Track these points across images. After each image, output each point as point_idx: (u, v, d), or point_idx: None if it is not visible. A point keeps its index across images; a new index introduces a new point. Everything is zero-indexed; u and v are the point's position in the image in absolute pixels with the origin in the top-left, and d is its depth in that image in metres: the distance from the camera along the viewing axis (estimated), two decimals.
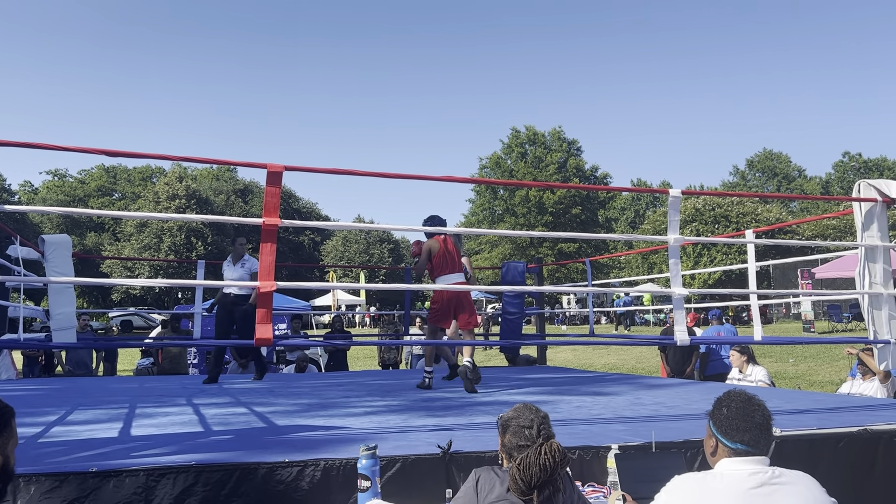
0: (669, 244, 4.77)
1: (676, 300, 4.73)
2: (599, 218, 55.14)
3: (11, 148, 3.72)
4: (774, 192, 66.13)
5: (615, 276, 45.83)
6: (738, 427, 2.16)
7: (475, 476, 2.31)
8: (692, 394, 5.81)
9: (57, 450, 3.21)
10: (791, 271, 28.05)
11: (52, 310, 5.24)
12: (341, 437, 3.61)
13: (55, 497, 2.58)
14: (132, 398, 5.84)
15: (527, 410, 2.39)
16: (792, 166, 70.19)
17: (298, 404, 5.24)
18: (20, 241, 7.21)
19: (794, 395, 6.00)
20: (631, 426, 3.89)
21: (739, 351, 7.74)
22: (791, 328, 25.87)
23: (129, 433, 3.81)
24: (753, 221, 38.07)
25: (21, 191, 58.87)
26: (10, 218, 36.49)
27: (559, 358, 18.23)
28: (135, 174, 61.32)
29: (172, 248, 45.19)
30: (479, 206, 54.43)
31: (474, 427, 3.88)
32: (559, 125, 59.90)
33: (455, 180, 5.12)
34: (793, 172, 69.66)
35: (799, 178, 68.97)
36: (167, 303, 45.21)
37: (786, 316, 32.49)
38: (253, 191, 57.18)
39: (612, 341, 12.88)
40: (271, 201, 3.88)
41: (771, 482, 2.09)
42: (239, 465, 2.82)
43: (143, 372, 11.55)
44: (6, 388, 7.21)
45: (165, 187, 48.50)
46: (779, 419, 2.87)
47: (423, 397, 5.68)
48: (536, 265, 10.51)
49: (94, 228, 54.15)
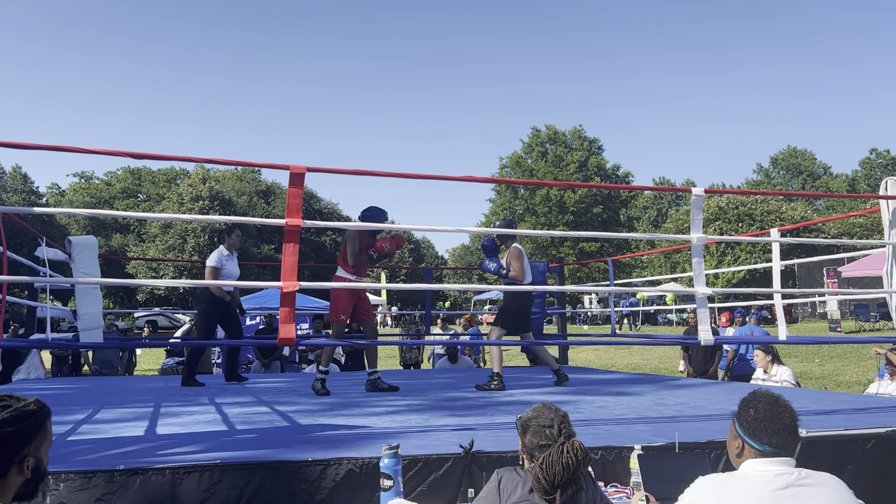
0: (692, 243, 4.73)
1: (700, 300, 4.69)
2: (621, 217, 54.81)
3: (39, 151, 3.78)
4: (799, 190, 65.31)
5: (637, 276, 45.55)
6: (765, 429, 2.13)
7: (497, 476, 2.31)
8: (716, 394, 5.76)
9: (85, 448, 3.26)
10: (816, 270, 27.71)
11: (79, 310, 5.32)
12: (364, 435, 3.62)
13: (83, 494, 2.62)
14: (157, 397, 5.91)
15: (546, 410, 2.39)
16: (817, 164, 69.20)
17: (321, 403, 5.26)
18: (48, 242, 7.32)
19: (820, 396, 5.92)
20: (654, 426, 3.86)
21: (764, 351, 7.66)
22: (817, 328, 25.53)
23: (155, 432, 3.86)
24: (778, 220, 37.62)
25: (48, 193, 59.80)
26: (38, 220, 37.11)
27: (581, 358, 18.18)
28: (159, 176, 61.99)
29: (196, 248, 45.61)
30: (500, 205, 54.35)
31: (496, 427, 3.88)
32: (580, 124, 59.64)
33: (475, 180, 5.12)
34: (818, 170, 68.70)
35: (824, 175, 67.99)
36: (191, 303, 45.66)
37: (811, 315, 32.08)
38: (275, 192, 57.57)
39: (634, 341, 12.79)
40: (294, 202, 3.91)
41: (797, 483, 2.07)
42: (263, 463, 2.85)
43: (168, 371, 11.69)
44: (35, 386, 7.33)
45: (189, 189, 48.98)
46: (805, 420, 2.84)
47: (444, 397, 5.69)
48: (558, 265, 10.48)
49: (119, 230, 54.80)
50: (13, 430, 1.81)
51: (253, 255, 47.24)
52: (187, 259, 26.24)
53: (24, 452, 1.83)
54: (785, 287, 19.49)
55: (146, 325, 19.52)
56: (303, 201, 3.98)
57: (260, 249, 49.57)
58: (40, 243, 7.23)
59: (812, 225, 35.90)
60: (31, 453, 1.85)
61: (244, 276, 7.06)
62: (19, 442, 1.82)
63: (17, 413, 1.84)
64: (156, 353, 19.41)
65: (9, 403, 1.86)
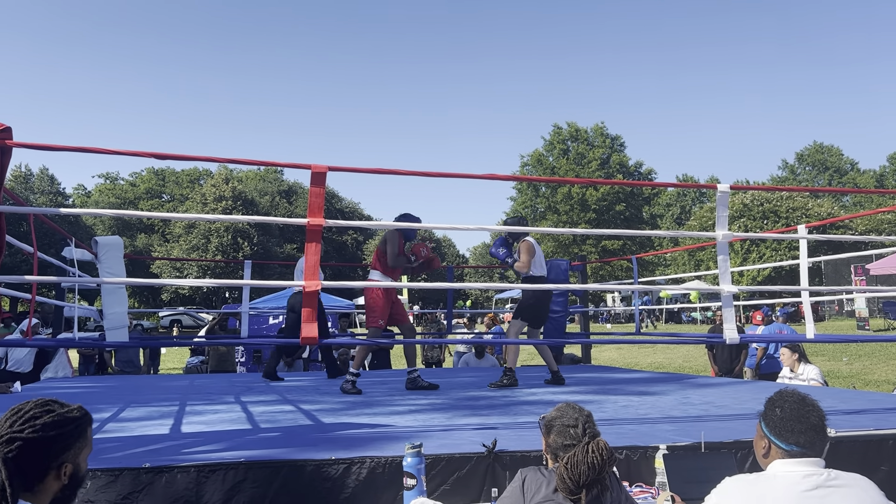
0: (717, 241, 4.68)
1: (725, 298, 4.64)
2: (644, 214, 54.42)
3: (65, 152, 3.84)
4: (826, 186, 64.40)
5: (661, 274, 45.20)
6: (792, 428, 2.10)
7: (521, 476, 2.30)
8: (742, 393, 5.70)
9: (111, 446, 3.30)
10: (844, 267, 27.30)
11: (105, 309, 5.37)
12: (387, 434, 3.63)
13: (110, 492, 2.65)
14: (182, 396, 5.97)
15: (570, 409, 2.37)
16: (844, 159, 68.15)
17: (344, 402, 5.28)
18: (75, 242, 7.42)
19: (848, 395, 5.83)
20: (679, 426, 3.82)
21: (791, 349, 7.54)
22: (844, 326, 25.16)
23: (180, 430, 3.89)
24: (804, 216, 37.10)
25: (75, 194, 60.71)
26: (65, 220, 37.65)
27: (604, 357, 18.06)
28: (183, 176, 62.69)
29: (220, 248, 46.05)
30: (521, 203, 54.21)
31: (519, 426, 3.87)
32: (601, 121, 59.34)
33: (497, 178, 5.10)
34: (845, 166, 67.66)
35: (851, 171, 66.95)
36: (215, 302, 46.10)
37: (839, 313, 31.60)
38: (297, 191, 57.97)
39: (658, 340, 12.69)
40: (316, 202, 3.92)
41: (826, 484, 2.03)
42: (287, 462, 2.86)
43: (193, 370, 11.82)
44: (62, 385, 7.44)
45: (212, 189, 49.46)
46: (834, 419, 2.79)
47: (466, 396, 5.68)
48: (580, 263, 10.42)
49: (144, 230, 55.50)
50: (54, 434, 1.81)
51: (275, 254, 47.58)
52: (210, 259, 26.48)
53: (62, 458, 1.83)
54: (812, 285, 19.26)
55: (174, 324, 19.69)
56: (324, 201, 4.00)
57: (282, 249, 49.94)
58: (69, 243, 7.33)
59: (839, 221, 35.37)
60: (69, 459, 1.85)
61: (267, 276, 7.13)
62: (58, 447, 1.82)
63: (59, 419, 1.84)
64: (180, 351, 19.60)
65: (52, 408, 1.86)
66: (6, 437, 1.76)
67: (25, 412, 1.82)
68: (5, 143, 3.48)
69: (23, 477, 1.75)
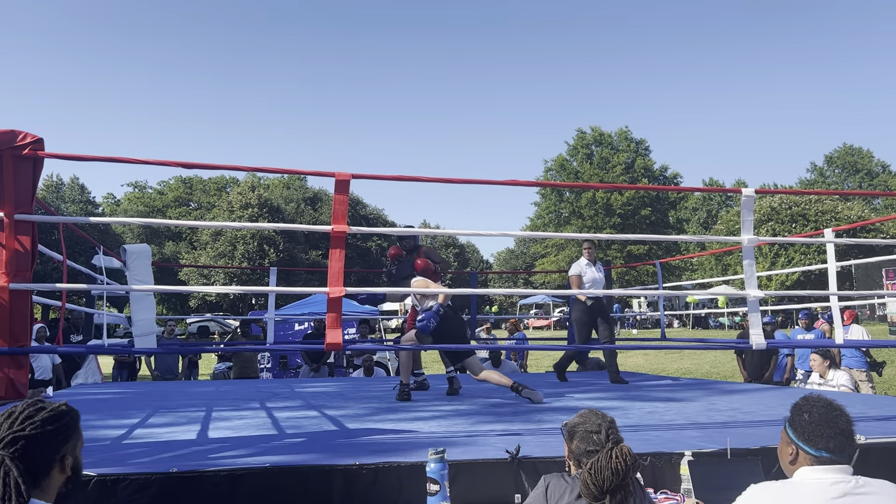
0: (743, 245, 4.64)
1: (752, 302, 4.60)
2: (670, 219, 53.96)
3: (96, 162, 3.91)
4: (856, 188, 63.34)
5: (687, 279, 44.75)
6: (821, 434, 2.07)
7: (545, 482, 2.29)
8: (769, 399, 5.63)
9: (139, 451, 3.35)
10: (875, 271, 26.83)
11: (134, 316, 5.47)
12: (410, 440, 3.64)
13: (139, 497, 2.69)
14: (209, 402, 6.03)
15: (593, 415, 2.37)
16: (875, 161, 66.99)
17: (368, 408, 5.31)
18: (104, 250, 7.55)
19: (879, 401, 5.72)
20: (705, 432, 3.79)
21: (822, 355, 7.37)
22: (876, 331, 24.71)
23: (207, 435, 3.94)
24: (833, 220, 36.59)
25: (104, 203, 61.73)
26: (95, 229, 38.23)
27: (630, 363, 17.91)
28: (210, 184, 63.41)
29: (246, 255, 46.41)
30: (545, 208, 54.05)
31: (542, 433, 3.86)
32: (626, 125, 59.02)
33: (520, 184, 5.10)
34: (876, 168, 66.51)
35: (883, 173, 65.78)
36: (241, 309, 46.51)
37: (870, 318, 31.04)
38: (322, 198, 58.32)
39: (684, 345, 12.58)
40: (340, 209, 3.96)
41: (854, 492, 2.00)
42: (312, 467, 2.89)
43: (220, 376, 11.95)
44: (92, 391, 7.56)
45: (239, 197, 49.94)
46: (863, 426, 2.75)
47: (490, 402, 5.68)
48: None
49: (172, 237, 56.19)
50: (53, 428, 1.89)
51: (301, 261, 47.87)
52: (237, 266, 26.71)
53: (63, 451, 1.91)
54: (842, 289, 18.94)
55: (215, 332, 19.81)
56: (348, 207, 4.03)
57: (308, 255, 50.24)
58: (98, 252, 7.46)
59: (870, 225, 34.78)
60: (69, 452, 1.93)
61: (292, 283, 7.19)
62: (59, 440, 1.90)
63: (55, 413, 1.92)
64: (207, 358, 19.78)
65: (44, 405, 1.94)
66: (9, 437, 1.82)
67: (20, 412, 1.89)
68: (37, 153, 3.56)
69: (31, 474, 1.82)
